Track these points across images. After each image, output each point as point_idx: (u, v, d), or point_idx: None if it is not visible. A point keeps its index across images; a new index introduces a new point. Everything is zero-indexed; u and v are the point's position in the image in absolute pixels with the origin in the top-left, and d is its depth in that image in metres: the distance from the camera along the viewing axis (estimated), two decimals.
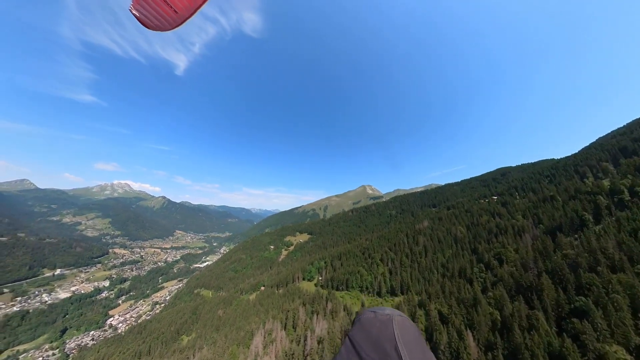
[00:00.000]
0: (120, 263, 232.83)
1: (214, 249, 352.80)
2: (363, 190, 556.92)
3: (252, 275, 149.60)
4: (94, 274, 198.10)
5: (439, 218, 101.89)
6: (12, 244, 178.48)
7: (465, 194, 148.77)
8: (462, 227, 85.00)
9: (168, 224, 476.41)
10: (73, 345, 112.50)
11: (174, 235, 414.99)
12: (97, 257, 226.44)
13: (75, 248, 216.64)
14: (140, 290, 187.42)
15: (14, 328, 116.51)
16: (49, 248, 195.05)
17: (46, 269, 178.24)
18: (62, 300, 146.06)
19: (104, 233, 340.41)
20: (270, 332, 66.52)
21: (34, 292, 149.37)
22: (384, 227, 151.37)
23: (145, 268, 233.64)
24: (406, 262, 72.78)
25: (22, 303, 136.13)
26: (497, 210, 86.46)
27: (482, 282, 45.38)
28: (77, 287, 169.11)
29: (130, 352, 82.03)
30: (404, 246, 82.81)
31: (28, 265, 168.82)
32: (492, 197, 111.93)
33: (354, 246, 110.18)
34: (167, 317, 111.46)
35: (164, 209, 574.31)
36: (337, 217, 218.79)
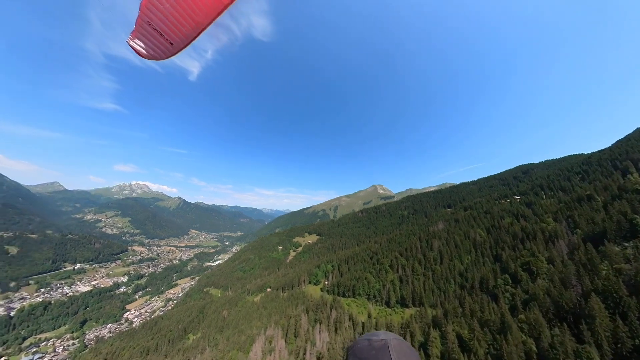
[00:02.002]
0: (138, 260, 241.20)
1: (226, 248, 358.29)
2: (374, 190, 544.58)
3: (259, 276, 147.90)
4: (114, 269, 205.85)
5: (455, 220, 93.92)
6: (40, 240, 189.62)
7: (483, 194, 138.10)
8: (481, 230, 77.13)
9: (183, 224, 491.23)
10: (92, 337, 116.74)
11: (188, 234, 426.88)
12: (117, 253, 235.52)
13: (94, 244, 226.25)
14: (155, 286, 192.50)
15: (37, 317, 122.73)
16: (71, 244, 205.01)
17: (67, 263, 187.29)
18: (82, 293, 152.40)
19: (124, 231, 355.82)
20: (270, 340, 63.35)
21: (55, 285, 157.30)
22: (394, 228, 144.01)
23: (161, 265, 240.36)
24: (419, 269, 66.41)
25: (45, 294, 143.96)
26: (521, 212, 77.71)
27: (510, 299, 38.67)
28: (97, 282, 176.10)
29: (139, 348, 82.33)
30: (417, 251, 76.29)
31: (51, 259, 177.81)
32: (514, 197, 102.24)
33: (363, 249, 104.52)
34: (177, 314, 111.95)
35: (180, 209, 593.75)
36: (347, 217, 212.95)
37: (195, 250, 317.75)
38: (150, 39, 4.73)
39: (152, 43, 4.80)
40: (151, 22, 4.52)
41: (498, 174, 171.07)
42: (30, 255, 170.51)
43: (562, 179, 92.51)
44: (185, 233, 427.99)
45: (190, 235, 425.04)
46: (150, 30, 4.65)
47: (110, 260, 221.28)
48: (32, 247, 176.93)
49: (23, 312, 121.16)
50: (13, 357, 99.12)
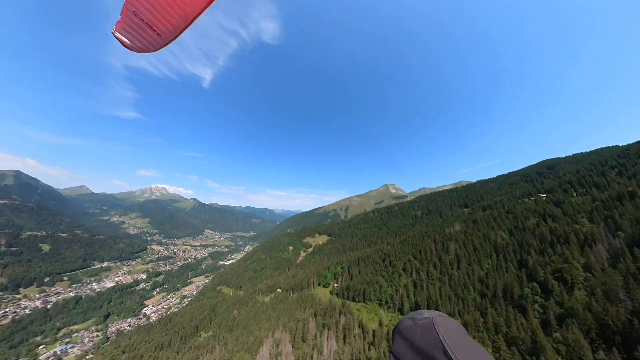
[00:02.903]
0: (156, 258, 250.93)
1: (239, 248, 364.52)
2: (386, 190, 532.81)
3: (270, 276, 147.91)
4: (134, 267, 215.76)
5: (473, 220, 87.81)
6: (70, 239, 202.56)
7: (503, 192, 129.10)
8: (503, 232, 71.16)
9: (198, 224, 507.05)
10: (113, 330, 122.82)
11: (203, 234, 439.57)
12: (137, 252, 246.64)
13: (119, 244, 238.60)
14: (172, 283, 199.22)
15: (70, 310, 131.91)
16: (98, 243, 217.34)
17: (96, 261, 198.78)
18: (107, 289, 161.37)
19: (144, 231, 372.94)
20: (278, 343, 62.10)
21: (86, 281, 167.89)
22: (407, 229, 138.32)
23: (177, 263, 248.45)
24: (434, 273, 62.05)
25: (77, 290, 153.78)
26: (548, 211, 70.83)
27: (540, 312, 34.03)
28: (120, 278, 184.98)
29: (153, 343, 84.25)
30: (432, 254, 71.72)
31: (82, 257, 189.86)
32: (540, 195, 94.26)
33: (374, 251, 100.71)
34: (190, 312, 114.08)
35: (195, 210, 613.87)
36: (358, 218, 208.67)
37: (209, 250, 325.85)
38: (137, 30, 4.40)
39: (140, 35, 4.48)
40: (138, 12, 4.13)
41: (519, 170, 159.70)
42: (61, 252, 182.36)
43: (594, 174, 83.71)
44: (200, 233, 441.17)
45: (204, 235, 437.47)
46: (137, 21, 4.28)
47: (132, 258, 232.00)
48: (62, 246, 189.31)
49: (58, 305, 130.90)
50: (49, 345, 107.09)
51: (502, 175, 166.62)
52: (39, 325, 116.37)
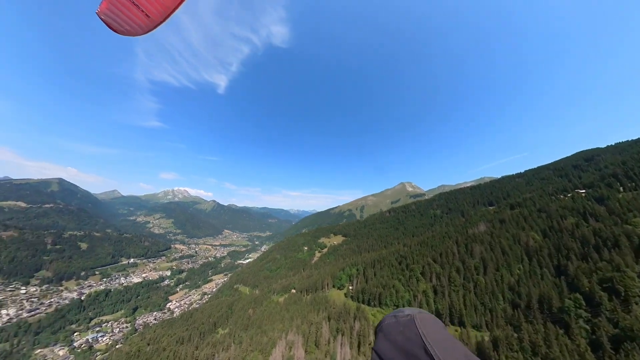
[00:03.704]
0: (179, 257, 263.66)
1: (256, 247, 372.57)
2: (402, 188, 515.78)
3: (284, 276, 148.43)
4: (160, 264, 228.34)
5: (500, 220, 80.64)
6: (102, 237, 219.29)
7: (534, 188, 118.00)
8: (535, 233, 64.24)
9: (217, 224, 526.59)
10: (141, 322, 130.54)
11: (222, 234, 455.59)
12: (162, 250, 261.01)
13: (144, 242, 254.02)
14: (193, 280, 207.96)
15: (101, 302, 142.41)
16: (126, 242, 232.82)
17: (123, 258, 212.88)
18: (135, 284, 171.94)
19: (168, 231, 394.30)
20: (291, 346, 61.13)
21: (115, 276, 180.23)
22: (426, 230, 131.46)
23: (198, 262, 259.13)
24: (457, 279, 57.20)
25: (107, 284, 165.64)
26: (589, 209, 62.78)
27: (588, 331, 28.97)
28: (146, 274, 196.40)
29: (175, 337, 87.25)
30: (454, 257, 66.57)
31: (111, 254, 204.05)
32: (578, 191, 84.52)
33: (390, 253, 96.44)
34: (209, 308, 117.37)
35: (214, 211, 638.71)
36: (373, 218, 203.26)
37: (228, 249, 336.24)
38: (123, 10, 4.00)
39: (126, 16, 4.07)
40: None
41: (551, 163, 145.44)
42: (95, 250, 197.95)
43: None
44: (220, 233, 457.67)
45: (223, 234, 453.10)
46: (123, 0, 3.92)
47: (157, 256, 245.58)
48: (96, 244, 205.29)
49: (90, 297, 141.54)
50: (82, 333, 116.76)
51: (531, 169, 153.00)
52: (74, 314, 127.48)
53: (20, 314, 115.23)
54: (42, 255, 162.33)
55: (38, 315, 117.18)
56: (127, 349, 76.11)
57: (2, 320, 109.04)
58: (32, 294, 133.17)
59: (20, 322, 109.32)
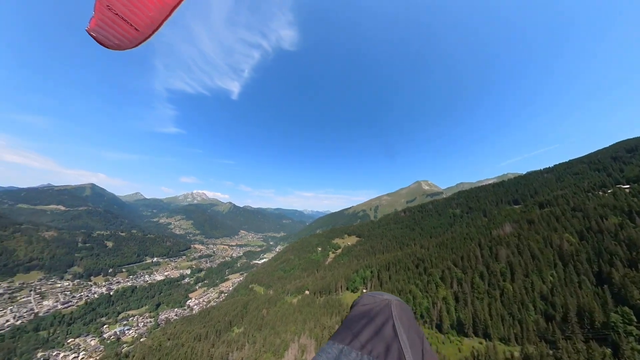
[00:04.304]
0: (198, 256, 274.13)
1: (271, 247, 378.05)
2: (418, 187, 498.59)
3: (298, 277, 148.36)
4: (180, 263, 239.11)
5: (528, 220, 74.25)
6: (128, 237, 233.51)
7: (566, 184, 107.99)
8: (570, 234, 58.12)
9: (234, 225, 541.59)
10: (163, 317, 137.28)
11: (238, 235, 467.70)
12: (182, 250, 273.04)
13: (166, 242, 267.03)
14: (211, 279, 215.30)
15: (127, 297, 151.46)
16: (149, 241, 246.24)
17: (147, 257, 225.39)
18: (158, 281, 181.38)
19: (188, 232, 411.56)
20: (303, 349, 60.22)
21: (140, 273, 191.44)
22: (445, 230, 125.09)
23: (216, 261, 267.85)
24: (480, 285, 52.94)
25: (133, 280, 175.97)
26: (636, 208, 55.75)
27: None
28: (168, 273, 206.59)
29: (193, 334, 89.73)
30: (476, 261, 61.97)
31: (137, 253, 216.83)
32: (619, 187, 76.05)
33: (406, 255, 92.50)
34: (225, 307, 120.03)
35: (231, 212, 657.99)
36: (388, 218, 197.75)
37: (244, 249, 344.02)
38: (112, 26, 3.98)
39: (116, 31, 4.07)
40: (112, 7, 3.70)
41: (585, 156, 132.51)
42: (121, 249, 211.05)
43: None
44: (236, 233, 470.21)
45: (240, 235, 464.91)
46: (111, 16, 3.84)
47: (178, 255, 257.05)
48: (122, 243, 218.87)
49: (118, 293, 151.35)
50: (111, 326, 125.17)
51: (561, 163, 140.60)
52: (104, 308, 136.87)
53: (55, 305, 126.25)
54: (74, 253, 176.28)
55: (70, 307, 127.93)
56: (149, 343, 79.45)
57: (43, 310, 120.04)
58: (66, 288, 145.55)
59: (55, 312, 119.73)
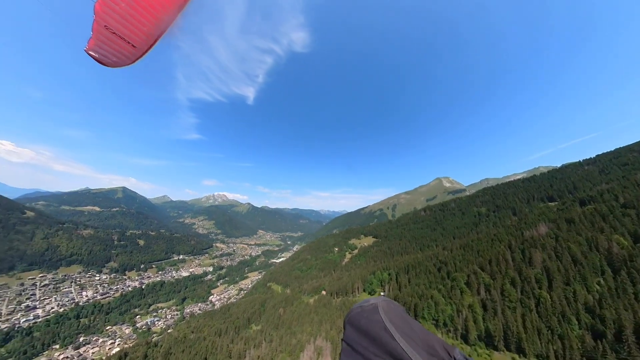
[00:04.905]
0: (219, 254, 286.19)
1: (288, 247, 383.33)
2: (438, 184, 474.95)
3: (315, 277, 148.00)
4: (203, 261, 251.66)
5: (567, 220, 66.40)
6: (157, 236, 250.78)
7: (612, 177, 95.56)
8: (621, 236, 50.63)
9: (252, 225, 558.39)
10: (188, 311, 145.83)
11: (257, 234, 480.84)
12: (205, 248, 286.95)
13: (190, 241, 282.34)
14: (232, 277, 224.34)
15: (157, 291, 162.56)
16: (176, 240, 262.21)
17: (174, 254, 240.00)
18: (184, 277, 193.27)
19: (210, 231, 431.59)
20: (319, 352, 59.24)
21: (168, 269, 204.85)
22: (469, 231, 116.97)
23: (236, 260, 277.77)
24: (512, 293, 47.81)
25: (161, 276, 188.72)
26: None
27: None
28: (193, 270, 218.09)
29: (214, 328, 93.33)
30: (507, 265, 56.41)
31: (165, 251, 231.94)
32: None
33: (427, 257, 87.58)
34: (244, 304, 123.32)
35: (249, 212, 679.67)
36: (406, 217, 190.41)
37: (262, 248, 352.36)
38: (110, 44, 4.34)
39: (114, 49, 4.44)
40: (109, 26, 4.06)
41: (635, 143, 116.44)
42: (151, 247, 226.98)
43: None
44: (255, 233, 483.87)
45: (258, 235, 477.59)
46: (109, 35, 4.20)
47: (201, 253, 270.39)
48: (152, 241, 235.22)
49: (149, 287, 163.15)
50: (143, 316, 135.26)
51: (605, 153, 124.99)
52: (137, 300, 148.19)
53: (95, 296, 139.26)
54: (111, 250, 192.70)
55: (108, 298, 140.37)
56: (175, 335, 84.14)
57: (83, 299, 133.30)
58: (104, 281, 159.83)
59: (95, 302, 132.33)
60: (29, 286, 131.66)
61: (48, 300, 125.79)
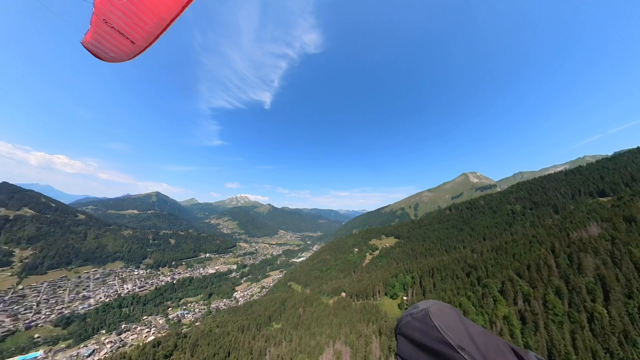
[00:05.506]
0: (243, 253, 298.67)
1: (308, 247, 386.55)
2: (465, 180, 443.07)
3: (334, 278, 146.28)
4: (228, 259, 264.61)
5: (626, 218, 56.79)
6: (186, 236, 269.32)
7: None
8: None
9: (273, 225, 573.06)
10: (214, 306, 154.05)
11: (278, 234, 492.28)
12: (230, 247, 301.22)
13: (216, 240, 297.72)
14: (254, 275, 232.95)
15: (186, 286, 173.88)
16: (203, 239, 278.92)
17: (201, 252, 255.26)
18: (210, 274, 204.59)
19: (234, 231, 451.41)
20: (338, 356, 57.55)
21: (196, 266, 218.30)
22: (502, 231, 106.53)
23: (258, 258, 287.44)
24: (557, 304, 41.40)
25: (190, 272, 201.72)
26: None
27: None
28: (218, 267, 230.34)
29: (237, 324, 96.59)
30: (550, 272, 49.48)
31: (193, 249, 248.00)
32: None
33: (454, 260, 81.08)
34: (265, 302, 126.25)
35: (270, 213, 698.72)
36: (430, 217, 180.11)
37: (283, 248, 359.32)
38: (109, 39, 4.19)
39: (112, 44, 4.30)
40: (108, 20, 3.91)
41: None
42: (181, 245, 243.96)
43: None
44: (275, 233, 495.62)
45: (279, 234, 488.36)
46: (107, 30, 4.07)
47: (226, 252, 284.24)
48: (182, 240, 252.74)
49: (179, 282, 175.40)
50: (174, 309, 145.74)
51: None
52: (169, 293, 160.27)
53: (134, 289, 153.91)
54: (147, 248, 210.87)
55: (144, 291, 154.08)
56: (202, 328, 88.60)
57: (124, 291, 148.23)
58: (141, 275, 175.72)
59: (134, 294, 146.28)
60: (84, 279, 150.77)
61: (98, 291, 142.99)
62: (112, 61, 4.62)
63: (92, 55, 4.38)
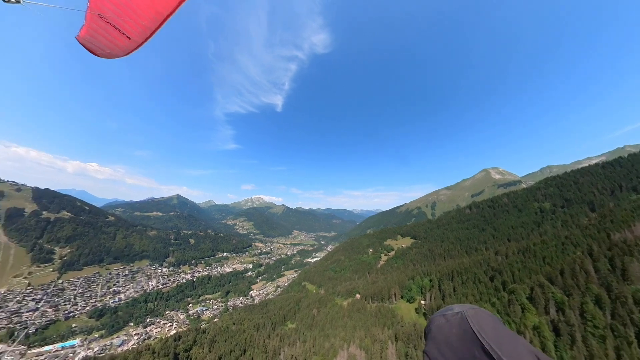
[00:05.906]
0: (258, 253, 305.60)
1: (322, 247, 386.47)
2: (485, 176, 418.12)
3: (349, 279, 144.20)
4: (244, 259, 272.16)
5: None
6: (204, 236, 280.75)
7: None
8: None
9: (287, 225, 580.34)
10: (231, 304, 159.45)
11: (292, 234, 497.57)
12: (245, 247, 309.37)
13: (233, 240, 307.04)
14: (269, 274, 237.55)
15: (205, 284, 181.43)
16: (220, 239, 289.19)
17: (219, 252, 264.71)
18: (227, 272, 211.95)
19: (249, 232, 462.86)
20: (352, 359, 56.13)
21: (214, 265, 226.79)
22: (529, 231, 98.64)
23: (273, 258, 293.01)
24: (597, 315, 36.67)
25: (209, 270, 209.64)
26: None
27: None
28: (235, 266, 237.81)
29: (253, 322, 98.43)
30: (588, 278, 44.45)
31: (211, 249, 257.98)
32: None
33: (475, 262, 76.16)
34: (280, 301, 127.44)
35: (284, 214, 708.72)
36: (449, 216, 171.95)
37: (297, 248, 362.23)
38: (104, 34, 4.10)
39: (107, 39, 4.19)
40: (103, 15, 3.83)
41: None
42: (200, 245, 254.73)
43: None
44: (290, 233, 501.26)
45: (293, 235, 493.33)
46: (103, 25, 3.98)
47: (242, 252, 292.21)
48: (200, 240, 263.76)
49: (199, 280, 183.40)
50: (194, 305, 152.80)
51: None
52: (189, 290, 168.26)
53: (158, 285, 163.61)
54: (169, 247, 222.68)
55: (167, 288, 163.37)
56: (219, 324, 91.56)
57: (149, 288, 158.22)
58: (164, 273, 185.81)
59: (158, 290, 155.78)
60: (115, 275, 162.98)
61: (127, 287, 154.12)
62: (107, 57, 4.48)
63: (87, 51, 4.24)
